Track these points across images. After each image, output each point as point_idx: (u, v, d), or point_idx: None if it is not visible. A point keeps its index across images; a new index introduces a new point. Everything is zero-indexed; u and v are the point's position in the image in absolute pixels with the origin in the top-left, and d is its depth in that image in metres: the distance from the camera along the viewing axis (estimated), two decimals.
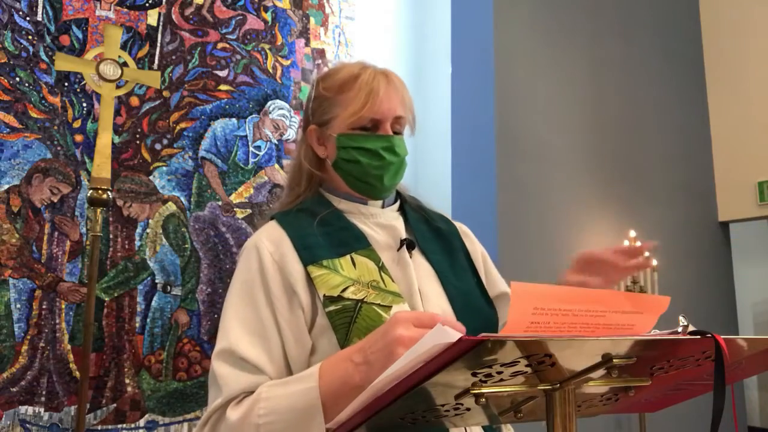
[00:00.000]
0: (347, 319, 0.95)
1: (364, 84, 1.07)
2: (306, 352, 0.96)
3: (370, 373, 0.80)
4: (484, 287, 1.14)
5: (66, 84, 1.91)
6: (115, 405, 1.85)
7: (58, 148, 1.87)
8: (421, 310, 1.01)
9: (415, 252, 1.10)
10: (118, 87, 1.84)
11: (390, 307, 0.97)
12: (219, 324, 0.99)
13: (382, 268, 1.02)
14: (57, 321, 1.80)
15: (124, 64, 1.87)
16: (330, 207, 1.10)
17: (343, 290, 0.96)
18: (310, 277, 0.98)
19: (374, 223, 1.10)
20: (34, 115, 1.85)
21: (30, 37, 1.87)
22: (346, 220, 1.08)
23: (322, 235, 1.03)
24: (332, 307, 0.95)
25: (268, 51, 2.29)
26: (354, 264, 1.00)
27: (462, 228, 1.23)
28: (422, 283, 1.06)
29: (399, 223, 1.13)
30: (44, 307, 1.79)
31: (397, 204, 1.17)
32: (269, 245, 1.02)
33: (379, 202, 1.13)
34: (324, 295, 0.96)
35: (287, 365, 0.96)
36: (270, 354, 0.94)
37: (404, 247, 1.07)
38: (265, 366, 0.93)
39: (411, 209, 1.17)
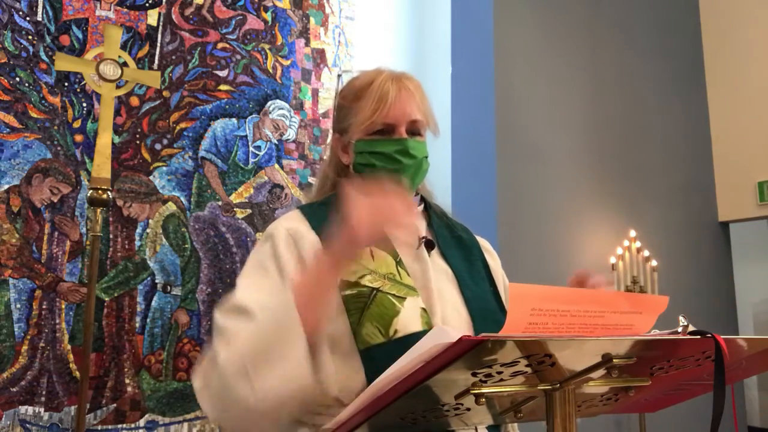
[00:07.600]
0: (361, 305, 0.97)
1: (374, 90, 1.09)
2: None
3: (336, 252, 0.89)
4: (500, 297, 1.17)
5: (66, 84, 1.91)
6: (115, 405, 1.85)
7: (58, 148, 1.87)
8: (436, 306, 1.03)
9: (434, 252, 1.12)
10: (118, 87, 1.84)
11: (404, 298, 0.99)
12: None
13: (399, 263, 1.05)
14: (57, 321, 1.80)
15: (124, 64, 1.87)
16: None
17: (360, 277, 0.99)
18: None
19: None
20: (34, 115, 1.85)
21: (30, 37, 1.87)
22: None
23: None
24: (348, 291, 0.98)
25: (268, 51, 2.29)
26: (372, 256, 1.03)
27: (484, 243, 1.26)
28: (439, 283, 1.07)
29: (421, 223, 1.15)
30: (44, 307, 1.79)
31: (421, 207, 1.19)
32: (286, 224, 1.05)
33: None
34: (341, 279, 0.98)
35: None
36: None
37: (423, 245, 1.09)
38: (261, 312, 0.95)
39: (435, 215, 1.20)
